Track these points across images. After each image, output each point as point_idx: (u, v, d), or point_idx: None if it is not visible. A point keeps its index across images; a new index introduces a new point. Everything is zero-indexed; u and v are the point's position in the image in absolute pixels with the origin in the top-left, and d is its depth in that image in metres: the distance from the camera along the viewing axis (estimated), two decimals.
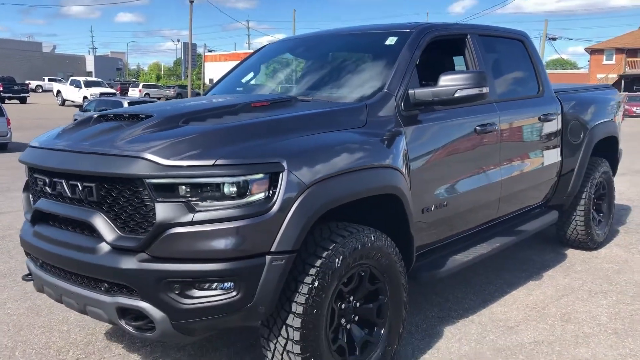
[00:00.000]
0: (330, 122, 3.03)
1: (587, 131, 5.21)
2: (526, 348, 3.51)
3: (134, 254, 2.56)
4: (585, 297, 4.37)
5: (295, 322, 2.62)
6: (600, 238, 5.59)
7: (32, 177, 3.12)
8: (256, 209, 2.51)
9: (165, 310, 2.54)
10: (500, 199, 4.21)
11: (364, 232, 2.89)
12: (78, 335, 3.76)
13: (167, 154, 2.52)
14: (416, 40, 3.68)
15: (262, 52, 4.75)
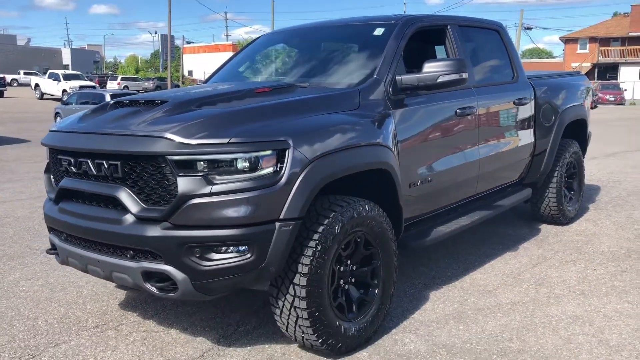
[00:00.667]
0: (328, 105, 3.38)
1: (558, 114, 5.64)
2: (503, 307, 3.92)
3: (158, 223, 2.89)
4: (556, 264, 4.79)
5: (302, 280, 2.98)
6: (572, 214, 6.04)
7: (55, 158, 3.41)
8: (266, 182, 2.85)
9: (186, 272, 2.87)
10: (479, 176, 4.60)
11: (360, 203, 3.25)
12: (94, 306, 4.07)
13: (186, 133, 2.84)
14: (402, 31, 4.04)
15: (256, 43, 5.07)
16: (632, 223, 6.12)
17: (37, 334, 3.63)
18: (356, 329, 3.26)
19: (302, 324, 3.04)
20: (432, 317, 3.78)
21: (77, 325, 3.76)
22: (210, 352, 3.33)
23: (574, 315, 3.79)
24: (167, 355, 3.30)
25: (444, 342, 3.41)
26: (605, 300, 4.03)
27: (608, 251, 5.15)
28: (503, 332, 3.55)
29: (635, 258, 4.95)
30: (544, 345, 3.36)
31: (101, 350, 3.38)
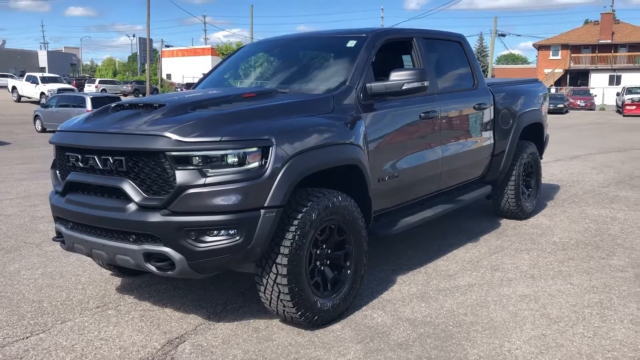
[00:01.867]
0: (306, 109, 3.86)
1: (515, 118, 6.19)
2: (461, 289, 4.43)
3: (158, 210, 3.33)
4: (512, 253, 5.33)
5: (283, 260, 3.44)
6: (529, 209, 6.60)
7: (63, 155, 3.83)
8: (253, 174, 3.32)
9: (183, 253, 3.31)
10: (441, 173, 5.11)
11: (334, 194, 3.72)
12: (93, 291, 4.47)
13: (183, 132, 3.29)
14: (372, 43, 4.54)
15: (241, 51, 5.53)
16: (584, 218, 6.70)
17: (44, 313, 4.03)
18: (331, 305, 3.73)
19: (283, 299, 3.50)
20: (398, 296, 4.27)
21: (79, 306, 4.17)
22: (201, 327, 3.77)
23: (523, 294, 4.31)
24: (163, 329, 3.73)
25: (407, 317, 3.90)
26: (551, 282, 4.56)
27: (559, 242, 5.71)
28: (459, 308, 4.05)
29: (582, 247, 5.51)
30: (494, 319, 3.87)
31: (104, 326, 3.80)
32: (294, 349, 3.45)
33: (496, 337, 3.59)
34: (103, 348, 3.48)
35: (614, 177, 9.78)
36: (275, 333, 3.66)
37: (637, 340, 3.54)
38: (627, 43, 55.76)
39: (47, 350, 3.46)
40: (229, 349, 3.45)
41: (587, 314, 3.94)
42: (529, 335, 3.62)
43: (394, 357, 3.34)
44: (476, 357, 3.34)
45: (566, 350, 3.42)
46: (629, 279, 4.65)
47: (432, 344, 3.49)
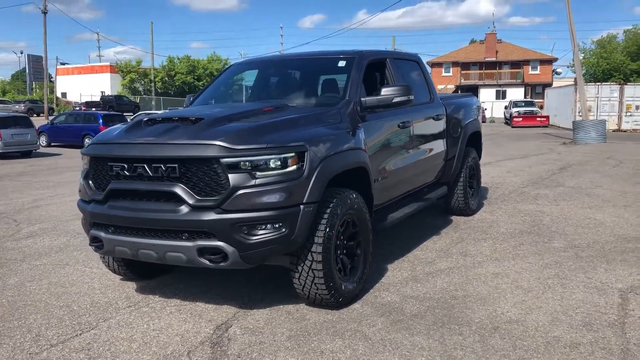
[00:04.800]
0: (322, 120, 4.47)
1: (462, 128, 7.13)
2: (444, 272, 5.19)
3: (212, 210, 3.79)
4: (472, 242, 6.20)
5: (318, 249, 4.01)
6: (474, 207, 7.57)
7: (102, 166, 4.17)
8: (293, 176, 3.88)
9: (235, 246, 3.80)
10: (414, 175, 5.89)
11: (350, 193, 4.35)
12: (115, 293, 4.77)
13: (234, 141, 3.79)
14: (360, 62, 5.24)
15: (231, 71, 6.03)
16: (518, 212, 7.78)
17: (81, 314, 4.31)
18: (351, 287, 4.35)
19: (317, 282, 4.07)
20: (395, 280, 4.96)
21: (110, 307, 4.48)
22: (239, 314, 4.24)
23: (495, 272, 5.15)
24: (206, 318, 4.17)
25: (410, 295, 4.59)
26: (513, 263, 5.45)
27: (506, 232, 6.67)
28: (449, 286, 4.80)
29: (526, 235, 6.50)
30: (480, 292, 4.65)
31: (148, 320, 4.16)
32: (330, 324, 4.02)
33: (488, 305, 4.36)
34: (161, 337, 3.86)
35: (528, 179, 11.13)
36: (307, 314, 4.21)
37: (594, 299, 4.45)
38: (510, 61, 60.83)
39: (110, 341, 3.80)
40: (275, 328, 3.96)
41: (550, 284, 4.83)
42: (512, 302, 4.43)
43: (414, 324, 4.00)
44: (480, 319, 4.08)
45: (545, 310, 4.25)
46: (571, 256, 5.64)
47: (440, 313, 4.20)
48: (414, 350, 3.60)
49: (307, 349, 3.64)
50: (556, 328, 3.91)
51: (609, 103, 33.93)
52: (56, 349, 3.72)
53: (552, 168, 13.10)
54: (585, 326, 3.94)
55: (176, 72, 61.48)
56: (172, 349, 3.66)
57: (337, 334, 3.85)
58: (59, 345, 3.77)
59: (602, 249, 5.92)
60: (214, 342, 3.76)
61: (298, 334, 3.86)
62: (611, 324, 3.98)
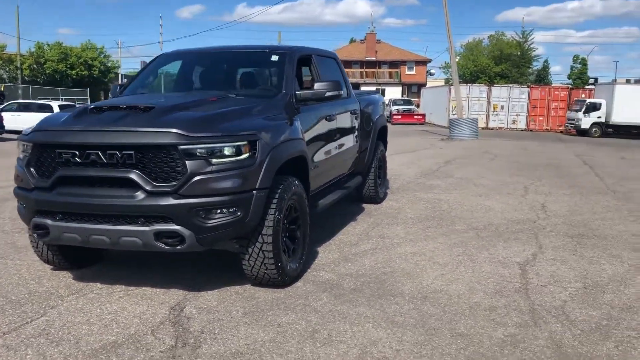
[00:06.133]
0: (265, 111, 4.74)
1: (373, 122, 7.70)
2: (369, 252, 5.68)
3: (169, 195, 3.95)
4: (387, 226, 6.78)
5: (268, 231, 4.30)
6: (382, 195, 8.20)
7: (49, 152, 4.14)
8: (246, 163, 4.13)
9: (192, 229, 3.99)
10: (337, 165, 6.33)
11: (293, 180, 4.68)
12: (52, 282, 4.72)
13: (190, 129, 3.97)
14: (292, 57, 5.57)
15: (161, 60, 6.07)
16: (419, 200, 8.52)
17: (22, 303, 4.25)
18: (294, 267, 4.69)
19: (267, 263, 4.35)
20: (328, 261, 5.36)
21: (52, 295, 4.44)
22: (189, 296, 4.42)
23: (412, 252, 5.73)
24: (158, 300, 4.30)
25: (345, 273, 5.02)
26: (426, 243, 6.07)
27: (414, 217, 7.34)
28: (377, 264, 5.29)
29: (431, 220, 7.20)
30: (405, 268, 5.19)
31: (99, 305, 4.22)
32: (280, 300, 4.33)
33: (414, 279, 4.90)
34: (119, 319, 3.96)
35: (420, 171, 12.07)
36: (255, 293, 4.49)
37: (499, 271, 5.15)
38: (388, 61, 63.80)
39: (66, 326, 3.83)
40: (229, 307, 4.20)
41: (461, 260, 5.49)
42: (434, 275, 5.01)
43: (355, 297, 4.43)
44: (410, 290, 4.60)
45: (461, 281, 4.87)
46: (473, 237, 6.39)
47: (375, 287, 4.67)
48: (360, 318, 4.02)
49: (265, 322, 3.93)
50: (474, 295, 4.53)
51: (478, 103, 36.93)
52: (11, 335, 3.69)
53: (439, 161, 14.24)
54: (497, 293, 4.59)
55: (46, 60, 57.42)
56: (135, 329, 3.79)
57: (289, 309, 4.18)
58: (12, 332, 3.74)
59: (496, 230, 6.74)
60: (174, 322, 3.93)
61: (252, 311, 4.14)
62: (517, 290, 4.67)
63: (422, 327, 3.90)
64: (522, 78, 56.40)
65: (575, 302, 4.40)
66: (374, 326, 3.89)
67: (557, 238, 6.40)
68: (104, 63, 61.59)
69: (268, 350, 3.51)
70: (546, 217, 7.52)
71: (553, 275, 5.06)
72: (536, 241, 6.24)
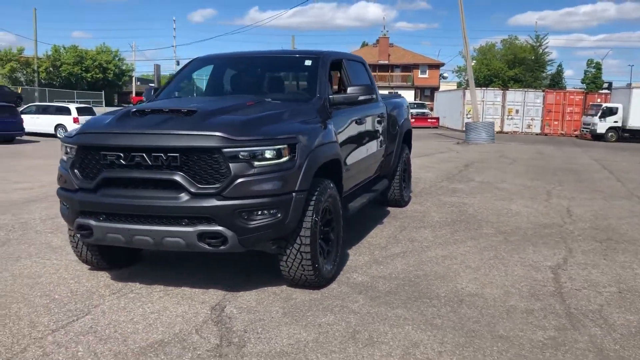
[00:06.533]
0: (302, 115, 4.81)
1: (399, 126, 7.74)
2: (399, 255, 5.72)
3: (213, 197, 4.02)
4: (414, 229, 6.81)
5: (306, 233, 4.36)
6: (407, 199, 8.23)
7: (94, 155, 4.23)
8: (286, 166, 4.20)
9: (235, 230, 4.06)
10: (365, 168, 6.38)
11: (328, 182, 4.74)
12: (92, 283, 4.80)
13: (234, 132, 4.04)
14: (325, 62, 5.64)
15: (193, 65, 6.16)
16: (444, 204, 8.55)
17: (66, 302, 4.34)
18: (329, 268, 4.74)
19: (304, 264, 4.41)
20: (359, 263, 5.41)
21: (94, 294, 4.53)
22: (228, 296, 4.48)
23: (443, 255, 5.76)
24: (198, 300, 4.37)
25: (378, 275, 5.06)
26: (456, 247, 6.10)
27: (440, 221, 7.37)
28: (409, 267, 5.33)
29: (458, 224, 7.22)
30: (437, 271, 5.22)
31: (141, 304, 4.29)
32: (317, 302, 4.39)
33: (448, 282, 4.93)
34: (162, 318, 4.03)
35: (440, 175, 12.09)
36: (292, 294, 4.54)
37: (532, 275, 5.17)
38: (401, 64, 63.77)
39: (112, 324, 3.91)
40: (268, 307, 4.26)
41: (492, 263, 5.51)
42: (467, 278, 5.04)
43: (391, 300, 4.47)
44: (445, 293, 4.64)
45: (496, 284, 4.89)
46: (502, 241, 6.41)
47: (410, 289, 4.71)
48: (399, 320, 4.06)
49: (305, 323, 3.99)
50: (510, 298, 4.55)
51: (493, 107, 36.86)
52: (60, 333, 3.77)
53: (458, 165, 14.25)
54: (532, 296, 4.62)
55: (62, 63, 58.13)
56: (179, 328, 3.86)
57: (327, 310, 4.23)
58: (60, 330, 3.83)
59: (525, 234, 6.76)
60: (216, 321, 3.99)
61: (292, 311, 4.19)
62: (552, 294, 4.69)
63: (461, 329, 3.94)
64: (536, 82, 56.10)
65: (612, 307, 4.41)
66: (413, 328, 3.93)
67: (586, 242, 6.40)
68: (118, 66, 62.20)
69: (312, 350, 3.57)
70: (572, 222, 7.52)
71: (586, 279, 5.07)
72: (565, 245, 6.25)
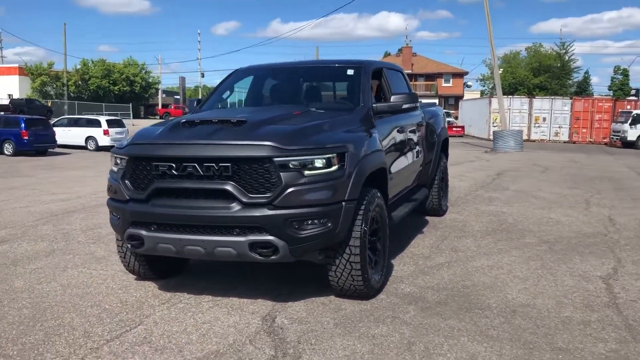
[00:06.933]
0: (348, 124, 4.79)
1: (437, 134, 7.68)
2: (444, 265, 5.64)
3: (264, 206, 4.01)
4: (456, 239, 6.72)
5: (356, 242, 4.32)
6: (445, 207, 8.14)
7: (145, 166, 4.26)
8: (336, 175, 4.17)
9: (286, 240, 4.03)
10: (407, 176, 6.32)
11: (375, 191, 4.70)
12: (139, 293, 4.82)
13: (284, 142, 4.04)
14: (367, 71, 5.62)
15: (236, 76, 6.20)
16: (482, 213, 8.43)
17: (117, 312, 4.35)
18: (377, 278, 4.69)
19: (354, 274, 4.37)
20: (405, 274, 5.35)
21: (144, 305, 4.54)
22: (277, 307, 4.46)
23: (489, 265, 5.67)
24: (247, 310, 4.35)
25: (425, 285, 5.00)
26: (500, 256, 6.00)
27: (480, 230, 7.27)
28: (455, 277, 5.25)
29: (499, 233, 7.11)
30: (485, 282, 5.13)
31: (191, 314, 4.29)
32: (368, 312, 4.33)
33: (497, 292, 4.84)
34: (214, 329, 4.02)
35: (474, 183, 11.97)
36: (341, 304, 4.50)
37: (583, 285, 5.05)
38: (424, 73, 63.61)
39: (165, 335, 3.91)
40: (318, 318, 4.22)
41: (540, 273, 5.40)
42: (517, 289, 4.94)
43: (442, 310, 4.40)
44: (496, 303, 4.55)
45: (547, 295, 4.79)
46: (547, 250, 6.29)
47: (460, 300, 4.63)
48: (453, 331, 3.99)
49: (358, 334, 3.94)
50: (564, 309, 4.45)
51: (520, 115, 36.47)
52: (115, 343, 3.78)
53: (490, 174, 14.09)
54: (587, 307, 4.50)
55: (90, 76, 59.14)
56: (233, 339, 3.84)
57: (379, 321, 4.17)
58: (114, 340, 3.84)
59: (569, 243, 6.62)
60: (269, 332, 3.97)
61: (343, 322, 4.15)
62: (607, 305, 4.57)
63: (517, 340, 3.85)
64: (562, 90, 55.45)
65: None
66: (469, 339, 3.86)
67: (635, 252, 6.25)
68: (145, 79, 63.08)
69: None
70: (616, 231, 7.36)
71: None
72: (613, 255, 6.11)
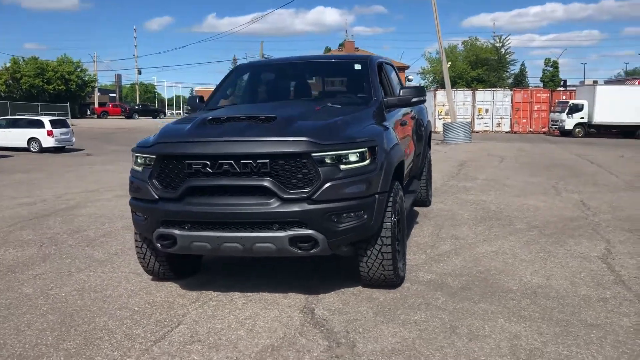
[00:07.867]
0: (370, 118, 4.88)
1: (424, 127, 7.88)
2: (451, 252, 5.84)
3: (303, 201, 4.06)
4: (451, 227, 6.96)
5: (387, 233, 4.43)
6: (431, 198, 8.38)
7: (176, 164, 4.21)
8: (370, 168, 4.26)
9: (325, 233, 4.10)
10: (408, 168, 6.49)
11: (397, 184, 4.83)
12: (164, 292, 4.76)
13: (320, 137, 4.09)
14: (374, 66, 5.73)
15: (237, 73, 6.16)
16: (464, 202, 8.74)
17: (150, 313, 4.29)
18: (401, 267, 4.82)
19: (385, 264, 4.48)
20: (418, 262, 5.51)
21: (174, 304, 4.49)
22: (310, 298, 4.51)
23: (494, 251, 5.91)
24: (283, 305, 4.39)
25: (442, 272, 5.17)
26: (500, 242, 6.27)
27: (470, 218, 7.54)
28: (466, 263, 5.46)
29: (489, 220, 7.41)
30: (496, 266, 5.36)
31: (229, 311, 4.28)
32: (401, 300, 4.46)
33: (512, 275, 5.08)
34: (259, 323, 4.03)
35: (443, 175, 12.32)
36: (372, 294, 4.60)
37: (586, 265, 5.36)
38: None
39: (212, 332, 3.89)
40: (356, 307, 4.31)
41: (543, 256, 5.69)
42: (528, 271, 5.19)
43: (468, 295, 4.58)
44: (516, 287, 4.77)
45: (558, 275, 5.06)
46: (540, 235, 6.61)
47: (481, 284, 4.83)
48: (488, 314, 4.18)
49: (400, 321, 4.06)
50: (579, 288, 4.72)
51: (464, 107, 37.54)
52: (162, 343, 3.74)
53: (453, 164, 14.53)
54: (598, 285, 4.80)
55: (22, 75, 56.53)
56: (283, 332, 3.87)
57: (414, 308, 4.31)
58: (161, 340, 3.80)
59: (556, 227, 6.98)
60: (314, 324, 4.03)
61: (382, 311, 4.26)
62: (615, 282, 4.89)
63: (550, 319, 4.07)
64: (500, 82, 57.42)
65: None
66: (505, 321, 4.05)
67: (618, 233, 6.66)
68: (80, 77, 60.83)
69: (422, 347, 3.64)
70: (594, 214, 7.80)
71: (639, 267, 5.29)
72: (600, 237, 6.49)
